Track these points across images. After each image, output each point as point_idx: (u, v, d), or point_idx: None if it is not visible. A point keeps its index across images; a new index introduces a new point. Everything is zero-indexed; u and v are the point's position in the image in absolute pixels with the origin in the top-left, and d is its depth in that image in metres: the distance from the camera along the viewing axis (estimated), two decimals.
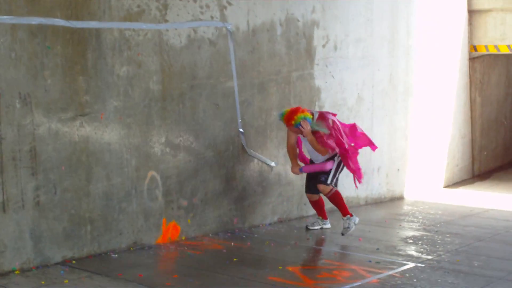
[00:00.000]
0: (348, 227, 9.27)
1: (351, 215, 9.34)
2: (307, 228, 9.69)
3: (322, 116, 8.92)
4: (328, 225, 9.81)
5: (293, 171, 9.24)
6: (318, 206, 9.70)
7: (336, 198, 9.30)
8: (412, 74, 12.96)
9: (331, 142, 8.79)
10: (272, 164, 9.77)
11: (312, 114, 8.87)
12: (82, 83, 7.38)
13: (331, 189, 9.19)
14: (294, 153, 9.23)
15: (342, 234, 9.28)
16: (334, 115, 9.13)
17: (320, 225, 9.76)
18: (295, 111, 8.68)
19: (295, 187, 10.21)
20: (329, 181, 9.14)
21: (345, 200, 11.19)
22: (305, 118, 8.65)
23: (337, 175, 9.27)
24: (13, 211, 6.81)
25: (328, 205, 9.72)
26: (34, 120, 6.95)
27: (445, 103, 14.39)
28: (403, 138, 12.87)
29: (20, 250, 6.91)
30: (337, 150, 8.88)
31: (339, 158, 9.14)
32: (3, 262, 6.77)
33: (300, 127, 8.67)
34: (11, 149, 6.76)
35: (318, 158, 9.17)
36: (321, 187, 9.17)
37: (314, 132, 8.77)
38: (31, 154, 6.92)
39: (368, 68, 11.74)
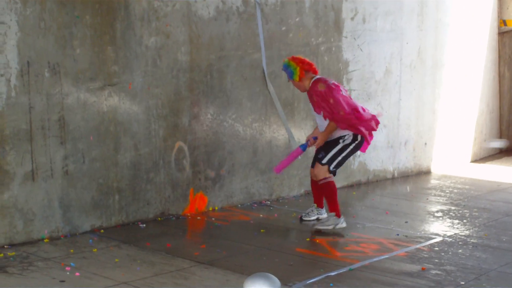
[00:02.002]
0: (325, 223, 8.03)
1: (339, 216, 7.99)
2: (301, 220, 8.37)
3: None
4: (324, 215, 8.28)
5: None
6: (317, 188, 8.24)
7: (327, 189, 7.99)
8: (440, 48, 12.84)
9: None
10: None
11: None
12: (110, 53, 7.37)
13: (326, 177, 7.93)
14: None
15: (314, 226, 8.07)
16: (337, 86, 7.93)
17: (316, 214, 8.34)
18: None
19: None
20: (325, 160, 7.93)
21: (372, 174, 11.20)
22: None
23: (338, 158, 7.93)
24: (42, 179, 6.84)
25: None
26: (63, 89, 6.96)
27: (474, 77, 14.26)
28: (430, 112, 12.78)
29: (49, 219, 6.95)
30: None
31: (348, 141, 7.94)
32: (33, 230, 6.81)
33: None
34: (40, 118, 6.77)
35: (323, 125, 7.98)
36: (316, 169, 7.98)
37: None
38: (59, 123, 6.94)
39: (396, 42, 11.64)
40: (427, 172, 12.88)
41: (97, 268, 6.12)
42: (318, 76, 7.98)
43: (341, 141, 7.94)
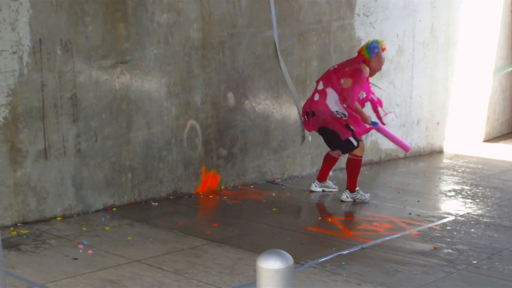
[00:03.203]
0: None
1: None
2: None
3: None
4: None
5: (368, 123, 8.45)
6: None
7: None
8: (454, 25, 12.74)
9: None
10: (309, 138, 9.68)
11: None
12: (122, 30, 7.34)
13: None
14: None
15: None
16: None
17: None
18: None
19: None
20: None
21: (384, 153, 11.19)
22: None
23: None
24: (54, 158, 6.84)
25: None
26: (75, 67, 6.93)
27: (487, 55, 14.15)
28: (443, 90, 12.70)
29: (62, 197, 6.96)
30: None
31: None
32: (45, 208, 6.83)
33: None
34: (52, 96, 6.76)
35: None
36: None
37: None
38: (72, 101, 6.93)
39: (409, 19, 11.55)
40: (440, 152, 12.83)
41: (110, 246, 6.13)
42: None
43: None
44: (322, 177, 8.89)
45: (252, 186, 8.98)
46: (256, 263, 2.99)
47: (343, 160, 9.07)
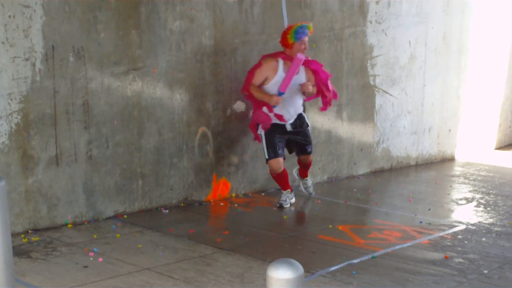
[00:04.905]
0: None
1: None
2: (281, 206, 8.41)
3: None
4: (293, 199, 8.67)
5: (275, 101, 7.98)
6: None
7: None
8: (466, 32, 12.70)
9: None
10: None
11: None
12: (135, 37, 7.35)
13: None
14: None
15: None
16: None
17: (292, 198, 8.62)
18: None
19: (345, 146, 10.14)
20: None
21: (396, 161, 11.16)
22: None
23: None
24: (66, 164, 6.85)
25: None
26: (87, 73, 6.95)
27: (499, 62, 14.10)
28: (455, 97, 12.66)
29: (73, 204, 6.97)
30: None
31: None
32: (56, 215, 6.84)
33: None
34: (64, 103, 6.78)
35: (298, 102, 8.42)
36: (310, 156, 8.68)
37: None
38: (84, 108, 6.94)
39: (421, 26, 11.52)
40: (451, 159, 12.79)
41: (120, 253, 6.13)
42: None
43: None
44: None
45: (263, 194, 8.97)
46: (266, 273, 2.99)
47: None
